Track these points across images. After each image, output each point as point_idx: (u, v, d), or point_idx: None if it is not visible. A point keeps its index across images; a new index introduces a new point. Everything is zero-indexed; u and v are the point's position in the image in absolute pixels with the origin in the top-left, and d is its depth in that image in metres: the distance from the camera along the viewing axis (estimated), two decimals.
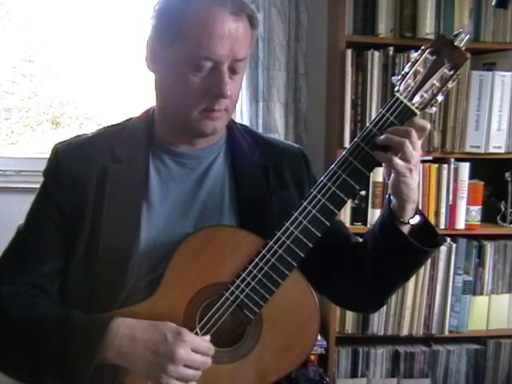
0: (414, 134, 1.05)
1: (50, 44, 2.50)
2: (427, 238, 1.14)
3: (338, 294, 1.28)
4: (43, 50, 2.52)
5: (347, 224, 2.16)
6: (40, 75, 2.56)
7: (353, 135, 2.14)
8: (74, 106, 2.63)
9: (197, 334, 1.07)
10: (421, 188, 2.15)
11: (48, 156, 1.19)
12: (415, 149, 1.06)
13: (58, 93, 2.59)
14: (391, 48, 2.15)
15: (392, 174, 1.10)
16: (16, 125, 2.59)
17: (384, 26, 2.15)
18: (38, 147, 2.56)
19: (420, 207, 1.17)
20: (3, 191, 2.31)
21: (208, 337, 1.06)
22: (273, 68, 2.23)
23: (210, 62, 1.06)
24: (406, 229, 1.13)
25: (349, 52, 2.13)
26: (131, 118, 1.24)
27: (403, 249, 1.12)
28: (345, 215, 2.17)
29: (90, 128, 2.17)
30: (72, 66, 2.52)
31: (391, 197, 1.13)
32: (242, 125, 1.32)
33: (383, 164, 1.10)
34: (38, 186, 1.19)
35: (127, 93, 2.49)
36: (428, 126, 1.07)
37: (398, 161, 1.05)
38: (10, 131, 2.58)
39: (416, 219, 1.13)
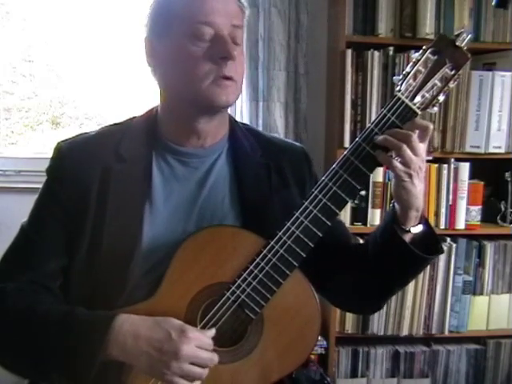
0: (414, 138, 1.03)
1: (50, 44, 2.50)
2: (428, 244, 1.13)
3: (336, 294, 1.28)
4: (43, 49, 2.52)
5: (347, 224, 2.16)
6: (40, 75, 2.56)
7: (353, 135, 2.14)
8: (74, 106, 2.63)
9: None
10: None
11: (49, 155, 1.19)
12: (416, 153, 1.04)
13: (58, 93, 2.59)
14: (391, 48, 2.15)
15: (393, 178, 1.09)
16: (16, 125, 2.58)
17: (384, 26, 2.15)
18: (38, 147, 2.56)
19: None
20: (3, 191, 2.31)
21: (213, 330, 1.06)
22: (273, 68, 2.24)
23: (209, 29, 1.08)
24: (407, 236, 1.11)
25: (349, 52, 2.13)
26: (134, 117, 1.24)
27: (402, 255, 1.11)
28: (345, 215, 2.17)
29: (90, 128, 2.16)
30: (72, 66, 2.52)
31: (395, 202, 1.12)
32: (244, 124, 1.32)
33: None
34: (37, 186, 1.19)
35: (127, 93, 2.49)
36: (430, 126, 1.06)
37: (396, 164, 1.04)
38: (10, 131, 2.58)
39: (419, 228, 1.11)
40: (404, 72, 1.07)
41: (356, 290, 1.22)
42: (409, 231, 1.11)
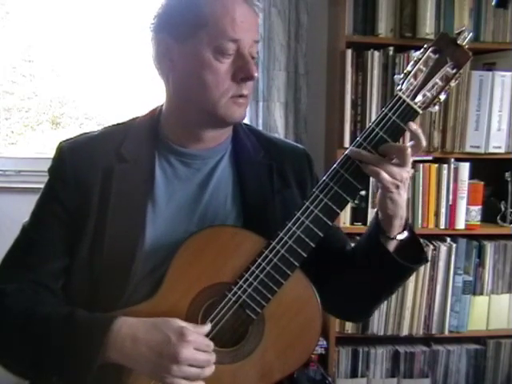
0: (407, 152, 1.03)
1: (50, 44, 2.50)
2: (413, 252, 1.13)
3: (327, 300, 1.27)
4: (43, 49, 2.52)
5: (347, 224, 2.17)
6: (40, 75, 2.56)
7: (353, 135, 2.14)
8: (74, 106, 2.63)
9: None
10: (421, 188, 2.15)
11: (49, 155, 1.19)
12: (403, 165, 1.04)
13: (58, 93, 2.59)
14: (391, 48, 2.15)
15: (379, 189, 1.09)
16: (16, 125, 2.58)
17: (384, 26, 2.16)
18: (38, 147, 2.56)
19: (420, 207, 1.15)
20: (3, 191, 2.31)
21: (208, 325, 1.05)
22: (273, 68, 2.24)
23: (233, 45, 1.08)
24: (393, 244, 1.12)
25: (349, 52, 2.13)
26: (137, 117, 1.24)
27: (387, 264, 1.11)
28: (345, 215, 2.17)
29: (90, 128, 2.16)
30: (72, 66, 2.52)
31: (379, 211, 1.12)
32: (246, 124, 1.31)
33: None
34: (38, 186, 1.19)
35: (127, 93, 2.49)
36: (423, 142, 1.06)
37: (384, 175, 1.04)
38: (10, 131, 2.58)
39: (403, 235, 1.12)
40: (405, 71, 1.07)
41: (344, 296, 1.21)
42: (394, 238, 1.11)
